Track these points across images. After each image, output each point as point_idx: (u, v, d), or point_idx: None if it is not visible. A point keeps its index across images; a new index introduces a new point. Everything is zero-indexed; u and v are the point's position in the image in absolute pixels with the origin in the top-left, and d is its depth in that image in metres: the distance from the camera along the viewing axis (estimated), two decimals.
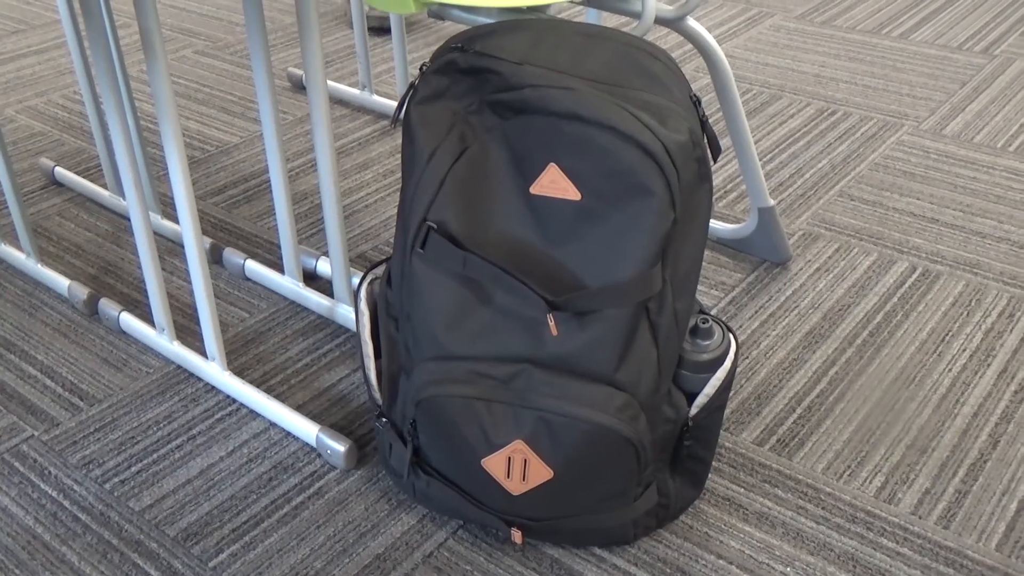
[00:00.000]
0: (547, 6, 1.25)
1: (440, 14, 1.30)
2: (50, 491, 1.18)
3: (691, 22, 1.33)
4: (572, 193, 0.94)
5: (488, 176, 0.95)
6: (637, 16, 1.27)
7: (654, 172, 0.91)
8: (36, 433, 1.26)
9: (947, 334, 1.39)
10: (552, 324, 0.94)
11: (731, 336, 1.04)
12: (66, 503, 1.16)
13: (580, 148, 0.92)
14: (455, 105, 0.97)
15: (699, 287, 1.49)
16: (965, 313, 1.43)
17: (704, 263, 1.55)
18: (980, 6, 2.48)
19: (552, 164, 0.93)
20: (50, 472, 1.20)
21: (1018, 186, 1.72)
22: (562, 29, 1.01)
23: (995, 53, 2.22)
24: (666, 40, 2.33)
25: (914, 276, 1.50)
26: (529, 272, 0.95)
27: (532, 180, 0.94)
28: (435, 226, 0.96)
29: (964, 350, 1.36)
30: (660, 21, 1.32)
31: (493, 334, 0.96)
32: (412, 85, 1.01)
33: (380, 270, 1.11)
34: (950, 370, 1.32)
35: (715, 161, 1.03)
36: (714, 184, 1.76)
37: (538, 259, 0.95)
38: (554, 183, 0.94)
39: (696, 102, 1.00)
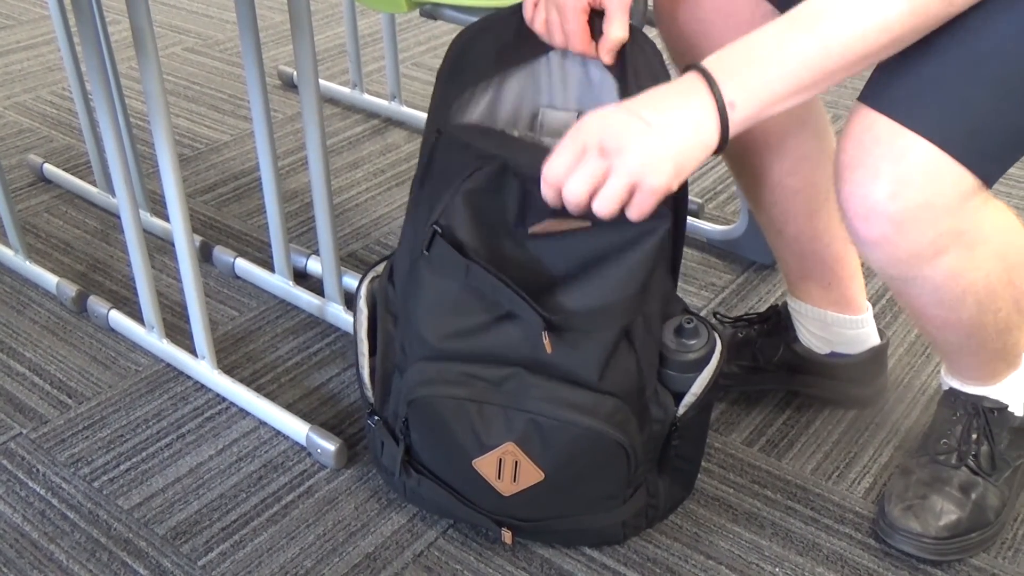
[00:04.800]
0: None
1: (432, 14, 1.31)
2: (38, 489, 1.17)
3: None
4: (578, 224, 0.94)
5: (500, 193, 0.96)
6: None
7: (661, 207, 0.89)
8: (24, 431, 1.25)
9: None
10: (547, 342, 0.94)
11: (716, 336, 1.05)
12: (54, 501, 1.15)
13: None
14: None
15: (689, 288, 1.49)
16: None
17: (694, 264, 1.55)
18: None
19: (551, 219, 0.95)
20: (38, 470, 1.20)
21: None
22: None
23: None
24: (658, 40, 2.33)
25: None
26: (528, 288, 0.95)
27: (533, 223, 0.95)
28: (440, 230, 0.96)
29: None
30: (652, 22, 1.33)
31: (488, 338, 0.97)
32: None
33: (380, 268, 1.11)
34: (938, 372, 1.33)
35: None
36: (704, 186, 1.76)
37: (537, 277, 0.96)
38: (558, 223, 0.94)
39: None
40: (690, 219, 1.61)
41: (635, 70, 0.97)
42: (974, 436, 1.08)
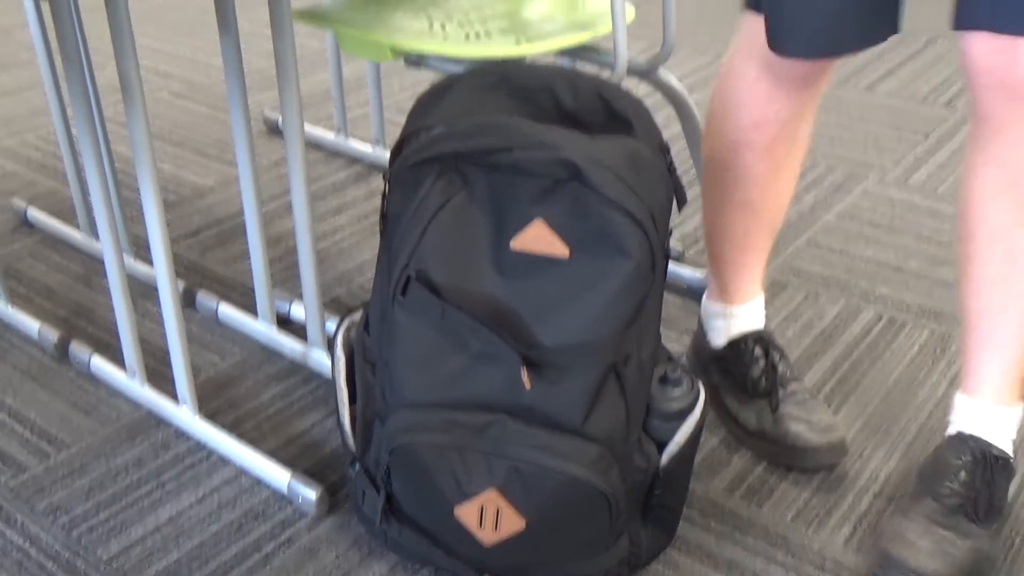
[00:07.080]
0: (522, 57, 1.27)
1: (417, 62, 1.33)
2: (16, 538, 1.16)
3: (663, 74, 1.36)
4: (559, 249, 0.94)
5: (471, 226, 0.96)
6: (610, 67, 1.29)
7: (639, 238, 0.92)
8: (3, 479, 1.24)
9: (912, 383, 1.41)
10: (525, 379, 0.94)
11: (700, 385, 1.06)
12: (32, 551, 1.14)
13: (567, 207, 0.93)
14: (443, 159, 0.97)
15: (669, 333, 1.50)
16: (930, 362, 1.45)
17: (674, 309, 1.56)
18: (942, 60, 2.54)
19: (537, 219, 0.94)
20: (16, 519, 1.18)
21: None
22: (537, 72, 1.03)
23: (957, 106, 2.27)
24: (636, 89, 2.36)
25: (880, 325, 1.53)
26: (506, 325, 0.95)
27: (515, 234, 0.95)
28: (414, 275, 0.96)
29: (929, 399, 1.38)
30: (633, 72, 1.35)
31: (468, 383, 0.97)
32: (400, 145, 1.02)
33: (357, 315, 1.12)
34: (916, 419, 1.34)
35: (680, 210, 1.04)
36: (684, 232, 1.78)
37: (516, 313, 0.96)
38: (539, 239, 0.94)
39: (664, 151, 1.02)
40: (670, 264, 1.62)
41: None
42: (977, 483, 1.09)
